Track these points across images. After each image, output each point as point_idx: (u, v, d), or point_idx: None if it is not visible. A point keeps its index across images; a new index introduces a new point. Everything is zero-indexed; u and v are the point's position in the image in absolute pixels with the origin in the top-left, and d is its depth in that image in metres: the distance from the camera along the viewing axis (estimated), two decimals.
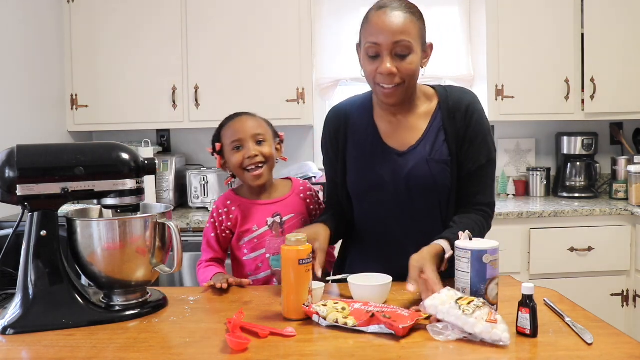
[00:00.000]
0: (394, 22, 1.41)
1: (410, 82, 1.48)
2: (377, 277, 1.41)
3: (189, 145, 3.50)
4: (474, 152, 1.52)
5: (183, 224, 2.77)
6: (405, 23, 1.42)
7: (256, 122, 1.67)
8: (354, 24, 3.31)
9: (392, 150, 1.56)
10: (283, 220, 1.67)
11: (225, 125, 1.70)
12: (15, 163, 1.25)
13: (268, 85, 3.08)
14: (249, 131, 1.64)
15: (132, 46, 3.09)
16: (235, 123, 1.67)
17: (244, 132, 1.64)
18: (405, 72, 1.44)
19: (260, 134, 1.65)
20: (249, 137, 1.63)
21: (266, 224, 1.66)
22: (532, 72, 3.11)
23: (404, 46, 1.42)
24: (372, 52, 1.45)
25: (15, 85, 2.69)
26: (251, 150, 1.62)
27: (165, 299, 1.42)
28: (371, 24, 1.45)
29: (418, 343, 1.13)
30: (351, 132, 1.62)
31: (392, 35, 1.41)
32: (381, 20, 1.42)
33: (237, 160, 1.64)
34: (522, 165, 3.52)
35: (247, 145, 1.63)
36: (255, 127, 1.65)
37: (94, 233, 1.31)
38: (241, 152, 1.63)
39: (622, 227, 2.88)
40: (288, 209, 1.68)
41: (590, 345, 1.10)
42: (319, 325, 1.23)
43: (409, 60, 1.43)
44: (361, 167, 1.59)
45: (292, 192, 1.72)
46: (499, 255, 1.26)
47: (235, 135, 1.64)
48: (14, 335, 1.22)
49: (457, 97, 1.55)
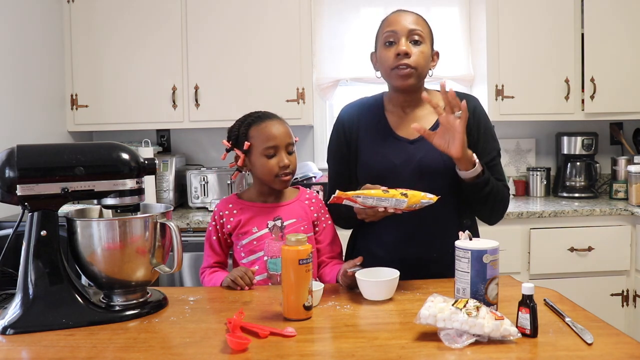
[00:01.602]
0: (409, 16, 1.63)
1: (422, 68, 1.61)
2: (386, 271, 1.45)
3: (189, 145, 3.50)
4: (486, 147, 1.66)
5: (183, 224, 2.77)
6: (419, 19, 1.63)
7: (288, 130, 1.66)
8: (354, 24, 3.36)
9: (403, 139, 1.65)
10: (284, 225, 1.65)
11: (255, 126, 1.64)
12: (15, 163, 1.25)
13: (268, 85, 3.08)
14: (285, 139, 1.63)
15: (132, 46, 3.09)
16: (271, 127, 1.63)
17: (280, 140, 1.62)
18: (418, 57, 1.59)
19: (291, 143, 1.65)
20: (283, 146, 1.62)
21: (266, 227, 1.65)
22: (532, 72, 3.11)
23: (418, 34, 1.60)
24: (390, 38, 1.61)
25: (15, 85, 2.69)
26: (285, 159, 1.61)
27: (165, 299, 1.42)
28: (389, 19, 1.65)
29: (418, 343, 1.13)
30: (363, 126, 1.71)
31: (408, 23, 1.60)
32: (398, 14, 1.64)
33: (271, 167, 1.61)
34: (522, 165, 3.52)
35: (281, 153, 1.62)
36: (289, 136, 1.64)
37: (94, 233, 1.31)
38: (275, 159, 1.61)
39: (622, 227, 2.88)
40: (290, 214, 1.67)
41: (590, 345, 1.10)
42: (319, 327, 1.23)
43: (421, 49, 1.60)
44: (373, 155, 1.65)
45: (297, 199, 1.72)
46: (499, 255, 1.26)
47: (271, 140, 1.61)
48: (14, 335, 1.22)
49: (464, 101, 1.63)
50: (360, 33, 3.26)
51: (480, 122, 1.67)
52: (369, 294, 1.41)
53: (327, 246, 1.72)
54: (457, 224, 1.63)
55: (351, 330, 1.22)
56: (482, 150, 1.64)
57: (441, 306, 1.14)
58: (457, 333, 1.11)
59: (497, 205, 1.65)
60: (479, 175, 1.53)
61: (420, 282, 1.54)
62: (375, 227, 1.66)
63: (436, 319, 1.13)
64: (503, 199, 1.65)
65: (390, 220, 1.55)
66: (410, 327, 1.20)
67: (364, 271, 1.45)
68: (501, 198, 1.64)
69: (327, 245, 1.72)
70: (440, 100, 1.68)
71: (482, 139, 1.66)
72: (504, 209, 1.68)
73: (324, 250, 1.72)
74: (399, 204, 1.42)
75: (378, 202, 1.42)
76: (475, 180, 1.53)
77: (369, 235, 1.71)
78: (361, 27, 3.29)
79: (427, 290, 1.46)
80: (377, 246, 1.67)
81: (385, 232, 1.66)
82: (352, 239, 1.81)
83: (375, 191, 1.43)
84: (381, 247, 1.66)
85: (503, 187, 1.65)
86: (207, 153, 3.49)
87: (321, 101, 3.45)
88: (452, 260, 1.31)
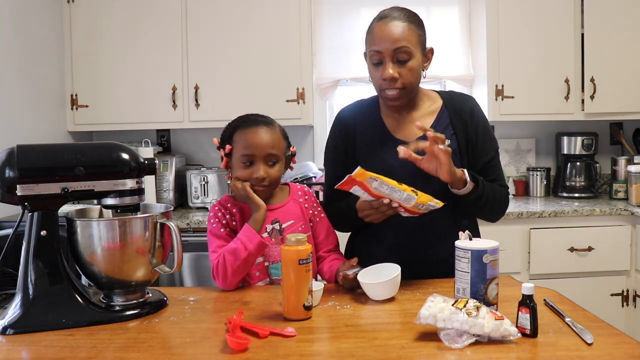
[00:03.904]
0: (393, 31, 1.54)
1: (412, 86, 1.59)
2: (387, 267, 1.45)
3: (189, 145, 3.50)
4: (485, 147, 1.66)
5: (183, 224, 2.77)
6: (404, 31, 1.54)
7: (272, 138, 1.57)
8: (354, 24, 3.36)
9: (400, 141, 1.62)
10: (282, 228, 1.62)
11: (239, 130, 1.58)
12: (15, 163, 1.25)
13: (268, 85, 3.08)
14: (264, 149, 1.55)
15: (132, 46, 3.09)
16: (251, 135, 1.56)
17: (258, 149, 1.55)
18: (406, 76, 1.56)
19: (273, 154, 1.57)
20: (262, 157, 1.55)
21: (265, 231, 1.60)
22: (532, 72, 3.11)
23: (403, 52, 1.54)
24: (375, 59, 1.58)
25: (15, 85, 2.69)
26: (261, 171, 1.54)
27: (165, 299, 1.42)
28: (373, 33, 1.59)
29: (418, 343, 1.13)
30: (360, 129, 1.70)
31: (392, 42, 1.53)
32: (381, 30, 1.56)
33: (244, 175, 1.56)
34: (522, 165, 3.52)
35: (258, 164, 1.55)
36: (270, 146, 1.56)
37: (94, 233, 1.31)
38: (250, 169, 1.55)
39: (622, 227, 2.88)
40: (287, 216, 1.63)
41: (590, 345, 1.10)
42: (319, 327, 1.23)
43: (409, 66, 1.55)
44: (371, 158, 1.64)
45: (290, 198, 1.67)
46: (499, 255, 1.26)
47: (248, 149, 1.55)
48: (14, 335, 1.22)
49: (461, 101, 1.70)
50: (360, 33, 3.23)
51: (479, 123, 1.66)
52: (375, 295, 1.41)
53: (324, 240, 1.69)
54: (456, 225, 1.62)
55: (351, 330, 1.22)
56: (481, 150, 1.64)
57: (441, 306, 1.14)
58: (457, 333, 1.11)
59: (496, 210, 1.66)
60: (472, 191, 1.53)
61: (420, 282, 1.54)
62: (374, 230, 1.65)
63: (436, 319, 1.13)
64: (501, 202, 1.66)
65: (389, 222, 1.55)
66: (410, 327, 1.20)
67: (365, 271, 1.45)
68: (499, 202, 1.64)
69: (323, 239, 1.69)
70: (437, 99, 1.71)
71: (480, 140, 1.65)
72: (504, 209, 1.68)
73: (321, 245, 1.68)
74: (408, 201, 1.41)
75: (391, 192, 1.41)
76: (469, 195, 1.53)
77: (368, 238, 1.70)
78: (361, 27, 3.25)
79: (427, 290, 1.46)
80: (376, 247, 1.67)
81: (384, 234, 1.65)
82: (350, 242, 1.80)
83: (391, 180, 1.42)
84: (380, 249, 1.65)
85: (500, 190, 1.65)
86: (207, 153, 3.49)
87: (321, 101, 3.45)
88: (452, 262, 1.31)
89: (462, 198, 1.54)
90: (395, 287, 1.42)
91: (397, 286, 1.42)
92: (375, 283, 1.41)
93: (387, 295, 1.41)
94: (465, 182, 1.51)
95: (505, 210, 1.69)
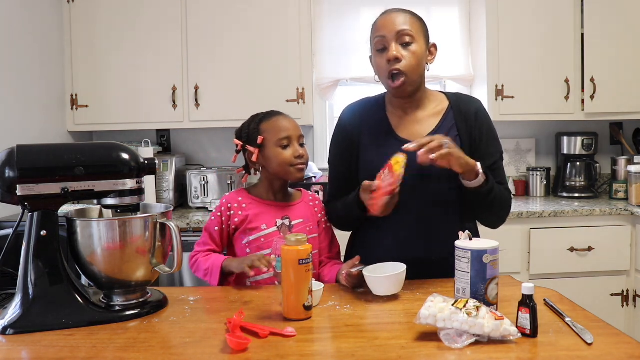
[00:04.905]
0: (397, 16, 1.60)
1: (415, 72, 1.59)
2: (391, 266, 1.46)
3: (189, 145, 3.50)
4: (489, 149, 1.66)
5: (183, 224, 2.77)
6: (407, 18, 1.60)
7: (297, 124, 1.71)
8: (354, 24, 3.36)
9: (404, 140, 1.62)
10: (292, 224, 1.68)
11: (266, 121, 1.69)
12: (15, 163, 1.25)
13: (268, 85, 3.08)
14: (296, 131, 1.68)
15: (132, 46, 3.09)
16: (283, 121, 1.68)
17: (292, 131, 1.67)
18: (409, 60, 1.57)
19: (302, 136, 1.70)
20: (296, 137, 1.67)
21: (275, 225, 1.66)
22: (532, 72, 3.11)
23: (407, 34, 1.57)
24: (380, 45, 1.60)
25: (15, 85, 2.69)
26: (299, 149, 1.66)
27: (165, 299, 1.42)
28: (377, 23, 1.63)
29: (418, 343, 1.13)
30: (365, 126, 1.71)
31: (395, 26, 1.58)
32: (385, 18, 1.62)
33: (287, 157, 1.64)
34: (522, 165, 3.52)
35: (294, 144, 1.66)
36: (299, 129, 1.70)
37: (94, 233, 1.31)
38: (290, 150, 1.65)
39: (622, 227, 2.88)
40: (297, 214, 1.69)
41: (590, 345, 1.10)
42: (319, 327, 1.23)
43: (412, 49, 1.58)
44: (375, 155, 1.64)
45: (302, 200, 1.74)
46: (499, 255, 1.26)
47: (284, 132, 1.66)
48: (14, 335, 1.22)
49: (467, 103, 1.70)
50: (360, 33, 3.25)
51: (483, 125, 1.67)
52: (380, 290, 1.42)
53: (327, 246, 1.75)
54: (458, 225, 1.62)
55: (351, 330, 1.22)
56: (485, 153, 1.64)
57: (441, 306, 1.14)
58: (457, 333, 1.11)
59: (501, 211, 1.65)
60: (483, 184, 1.53)
61: (420, 282, 1.54)
62: (374, 230, 1.66)
63: (436, 319, 1.13)
64: (506, 204, 1.66)
65: (390, 222, 1.56)
66: (410, 327, 1.20)
67: (369, 268, 1.46)
68: (505, 204, 1.64)
69: (327, 245, 1.75)
70: (443, 100, 1.71)
71: (484, 142, 1.66)
72: (507, 213, 1.68)
73: (324, 251, 1.75)
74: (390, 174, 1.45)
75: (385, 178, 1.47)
76: (479, 189, 1.53)
77: (368, 238, 1.70)
78: (361, 27, 3.28)
79: (427, 290, 1.46)
80: (376, 247, 1.67)
81: (384, 234, 1.65)
82: (350, 243, 1.80)
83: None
84: (380, 249, 1.65)
85: (506, 192, 1.65)
86: (207, 153, 3.49)
87: (321, 101, 3.45)
88: (452, 262, 1.31)
89: (472, 192, 1.53)
90: (400, 283, 1.42)
91: (402, 283, 1.43)
92: (380, 277, 1.42)
93: (392, 291, 1.41)
94: (477, 174, 1.51)
95: (507, 214, 1.68)
